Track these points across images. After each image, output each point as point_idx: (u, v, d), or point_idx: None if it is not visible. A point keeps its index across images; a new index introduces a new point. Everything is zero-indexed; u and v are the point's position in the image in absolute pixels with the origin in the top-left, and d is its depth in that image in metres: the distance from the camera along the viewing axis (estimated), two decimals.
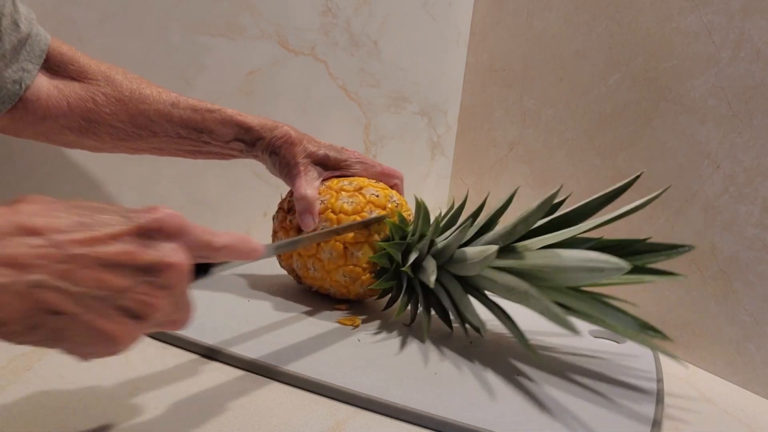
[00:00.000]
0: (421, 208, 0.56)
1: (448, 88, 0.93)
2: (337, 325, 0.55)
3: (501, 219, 0.53)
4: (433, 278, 0.50)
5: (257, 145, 0.59)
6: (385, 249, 0.55)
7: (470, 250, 0.50)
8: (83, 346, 0.28)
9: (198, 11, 0.71)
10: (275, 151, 0.59)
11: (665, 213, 0.62)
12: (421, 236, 0.55)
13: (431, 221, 0.55)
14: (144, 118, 0.55)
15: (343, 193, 0.58)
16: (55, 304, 0.26)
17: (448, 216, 0.57)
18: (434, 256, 0.53)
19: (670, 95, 0.62)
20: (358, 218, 0.56)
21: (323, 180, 0.60)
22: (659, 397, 0.47)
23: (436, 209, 0.95)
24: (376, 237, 0.57)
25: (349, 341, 0.51)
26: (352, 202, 0.57)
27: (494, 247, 0.46)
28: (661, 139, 0.63)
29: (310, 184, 0.58)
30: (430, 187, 0.95)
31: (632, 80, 0.66)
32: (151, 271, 0.29)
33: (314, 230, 0.56)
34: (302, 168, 0.58)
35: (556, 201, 0.51)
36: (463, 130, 0.94)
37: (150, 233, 0.30)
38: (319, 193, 0.58)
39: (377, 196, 0.58)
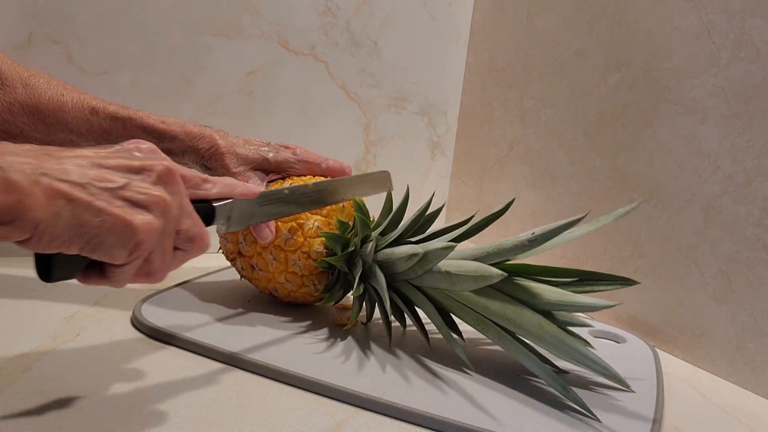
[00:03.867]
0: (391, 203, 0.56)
1: (448, 88, 0.93)
2: (337, 325, 0.55)
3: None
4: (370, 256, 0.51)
5: (186, 156, 0.55)
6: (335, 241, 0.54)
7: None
8: (106, 239, 0.32)
9: (198, 11, 0.71)
10: (206, 165, 0.55)
11: (665, 213, 0.62)
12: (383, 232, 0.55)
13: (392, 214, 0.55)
14: (62, 129, 0.51)
15: None
16: (66, 192, 0.30)
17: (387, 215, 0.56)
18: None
19: (670, 95, 0.62)
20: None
21: (268, 184, 0.56)
22: (659, 398, 0.47)
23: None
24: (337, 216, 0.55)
25: (349, 341, 0.51)
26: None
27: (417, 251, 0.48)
28: (661, 139, 0.63)
29: None
30: (430, 187, 0.95)
31: (632, 80, 0.66)
32: (139, 170, 0.34)
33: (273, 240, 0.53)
34: (241, 178, 0.54)
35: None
36: (463, 130, 0.94)
37: (129, 150, 0.35)
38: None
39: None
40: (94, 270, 0.35)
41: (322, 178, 0.57)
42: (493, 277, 0.44)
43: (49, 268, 0.33)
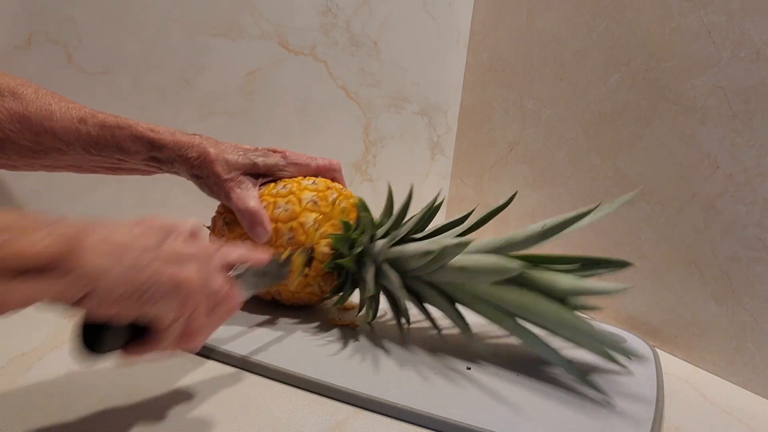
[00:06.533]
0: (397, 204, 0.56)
1: (448, 88, 0.93)
2: (335, 325, 0.55)
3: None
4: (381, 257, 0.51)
5: (176, 165, 0.54)
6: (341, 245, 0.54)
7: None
8: (156, 291, 0.33)
9: (198, 11, 0.71)
10: (197, 174, 0.54)
11: (665, 213, 0.62)
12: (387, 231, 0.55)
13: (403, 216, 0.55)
14: (50, 137, 0.51)
15: (280, 200, 0.54)
16: (112, 251, 0.31)
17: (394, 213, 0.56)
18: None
19: (670, 95, 0.62)
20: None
21: (260, 187, 0.56)
22: (659, 397, 0.47)
23: None
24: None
25: (349, 341, 0.51)
26: (287, 209, 0.54)
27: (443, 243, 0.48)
28: (661, 139, 0.63)
29: (249, 195, 0.53)
30: (430, 187, 0.95)
31: (632, 80, 0.66)
32: (168, 231, 0.36)
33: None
34: (233, 183, 0.54)
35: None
36: (463, 130, 0.94)
37: (148, 221, 0.36)
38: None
39: (315, 202, 0.54)
40: (136, 342, 0.35)
41: (314, 178, 0.57)
42: (513, 269, 0.45)
43: (99, 338, 0.33)
